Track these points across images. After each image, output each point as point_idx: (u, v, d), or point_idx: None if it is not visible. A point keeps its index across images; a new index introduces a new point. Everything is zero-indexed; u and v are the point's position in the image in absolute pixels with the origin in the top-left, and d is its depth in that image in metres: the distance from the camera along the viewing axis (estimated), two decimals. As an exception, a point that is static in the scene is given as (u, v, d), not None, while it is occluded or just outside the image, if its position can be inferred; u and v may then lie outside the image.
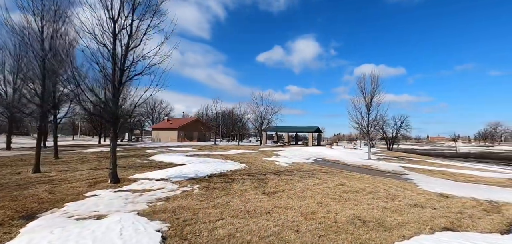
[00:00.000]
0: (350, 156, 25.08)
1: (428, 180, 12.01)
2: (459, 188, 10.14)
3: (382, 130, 62.50)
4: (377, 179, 11.35)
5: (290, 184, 8.91)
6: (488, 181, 13.02)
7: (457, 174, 15.36)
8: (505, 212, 6.60)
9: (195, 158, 15.91)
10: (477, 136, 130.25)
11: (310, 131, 45.48)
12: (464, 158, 60.74)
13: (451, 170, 18.02)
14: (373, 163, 19.60)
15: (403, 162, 22.41)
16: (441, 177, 13.77)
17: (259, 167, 13.24)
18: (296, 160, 18.34)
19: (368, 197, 7.48)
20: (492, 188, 10.87)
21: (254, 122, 54.34)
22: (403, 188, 9.30)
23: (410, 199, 7.46)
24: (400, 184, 10.27)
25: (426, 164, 22.21)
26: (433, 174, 15.07)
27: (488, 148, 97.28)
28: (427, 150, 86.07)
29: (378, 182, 10.41)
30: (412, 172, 15.33)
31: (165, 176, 9.15)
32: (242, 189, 7.72)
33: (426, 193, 8.66)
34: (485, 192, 9.53)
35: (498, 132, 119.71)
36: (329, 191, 8.07)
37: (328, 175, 11.54)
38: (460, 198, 8.04)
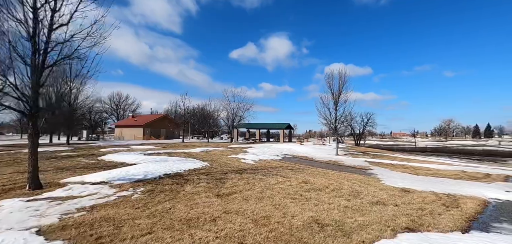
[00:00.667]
0: (318, 152, 25.20)
1: (390, 175, 12.06)
2: (419, 182, 10.19)
3: (350, 127, 64.88)
4: (342, 175, 11.09)
5: (250, 183, 8.16)
6: (445, 174, 13.52)
7: (416, 168, 15.87)
8: (463, 206, 6.49)
9: (154, 156, 14.53)
10: (433, 131, 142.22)
11: (281, 128, 45.49)
12: (422, 152, 65.48)
13: (411, 164, 18.72)
14: (340, 159, 19.73)
15: (368, 157, 22.98)
16: (403, 171, 14.04)
17: (222, 165, 12.34)
18: (264, 157, 17.74)
19: (330, 195, 6.98)
20: (448, 180, 11.16)
21: (226, 119, 53.14)
22: (366, 184, 9.04)
23: (373, 196, 7.11)
24: (364, 180, 10.06)
25: (389, 158, 23.01)
26: (395, 168, 15.40)
27: (442, 142, 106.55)
28: (390, 145, 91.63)
29: (343, 178, 10.11)
30: (376, 167, 15.52)
31: (106, 179, 7.86)
32: (193, 192, 6.78)
33: (388, 188, 8.45)
34: (443, 185, 9.64)
35: (451, 128, 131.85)
36: (291, 190, 7.45)
37: (293, 172, 11.02)
38: (420, 193, 7.92)
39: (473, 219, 5.48)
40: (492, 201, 7.43)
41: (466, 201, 7.01)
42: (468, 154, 63.46)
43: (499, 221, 5.43)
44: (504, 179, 12.54)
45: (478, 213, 5.96)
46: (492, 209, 6.49)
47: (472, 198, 7.46)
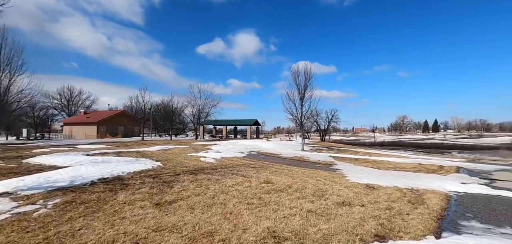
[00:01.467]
0: (284, 148, 24.83)
1: (355, 170, 11.83)
2: (382, 177, 9.99)
3: (316, 123, 66.81)
4: (307, 172, 10.49)
5: (203, 186, 7.01)
6: (404, 167, 13.80)
7: (378, 162, 16.13)
8: (428, 202, 6.14)
9: (97, 157, 12.53)
10: (390, 127, 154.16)
11: (248, 124, 44.69)
12: (380, 146, 70.11)
13: (373, 157, 19.15)
14: (306, 155, 19.45)
15: (332, 152, 23.18)
16: (366, 166, 14.04)
17: (177, 165, 10.96)
18: (228, 155, 16.63)
19: (293, 197, 6.17)
20: (409, 174, 11.21)
21: (192, 115, 50.74)
22: (331, 181, 8.48)
23: (338, 195, 6.47)
24: (329, 176, 9.55)
25: (352, 153, 23.48)
26: (358, 163, 15.42)
27: (398, 137, 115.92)
28: (352, 140, 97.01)
29: (307, 176, 9.48)
30: (341, 162, 15.39)
31: (12, 188, 6.08)
32: (126, 201, 5.43)
33: (353, 185, 7.96)
34: (404, 179, 9.52)
35: (405, 123, 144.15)
36: (249, 192, 6.49)
37: (255, 171, 10.11)
38: (385, 189, 7.54)
39: (441, 217, 5.06)
40: (452, 194, 7.31)
41: (430, 197, 6.73)
42: (420, 147, 69.53)
43: (466, 218, 5.07)
44: (456, 170, 13.14)
45: (443, 210, 5.61)
46: (454, 203, 6.25)
47: (434, 192, 7.26)
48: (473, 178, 10.35)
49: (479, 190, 7.87)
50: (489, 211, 5.60)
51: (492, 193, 7.44)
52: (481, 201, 6.47)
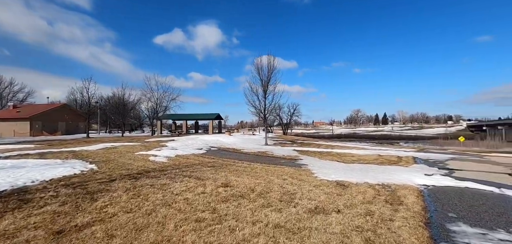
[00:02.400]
0: (247, 142, 23.74)
1: (321, 164, 11.17)
2: (350, 171, 9.43)
3: (279, 117, 67.39)
4: (272, 170, 9.44)
5: (141, 196, 5.40)
6: (367, 159, 13.70)
7: (341, 155, 15.96)
8: (406, 201, 5.49)
9: (10, 161, 9.79)
10: (346, 120, 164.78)
11: (210, 119, 42.62)
12: (338, 138, 74.07)
13: (336, 150, 19.12)
14: (270, 149, 18.59)
15: (296, 146, 22.80)
16: (331, 159, 13.61)
17: (116, 168, 8.97)
18: (184, 152, 14.84)
19: (256, 204, 4.96)
20: (373, 167, 10.92)
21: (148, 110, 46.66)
22: (299, 180, 7.51)
23: (309, 199, 5.46)
24: (296, 174, 8.61)
25: (315, 146, 23.42)
26: (323, 156, 15.01)
27: (353, 129, 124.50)
28: (313, 133, 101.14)
29: (272, 174, 8.40)
30: (305, 156, 14.80)
31: None
32: (8, 230, 3.62)
33: (323, 184, 7.09)
34: (372, 173, 9.06)
35: (359, 117, 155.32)
36: (201, 202, 5.10)
37: (213, 171, 8.71)
38: (357, 187, 6.81)
39: (427, 221, 4.33)
40: (423, 188, 6.88)
41: (405, 194, 6.13)
42: (372, 138, 75.15)
43: (452, 220, 4.43)
44: (413, 160, 13.45)
45: (424, 210, 4.95)
46: (430, 200, 5.71)
47: (406, 188, 6.74)
48: (433, 169, 10.44)
49: (445, 182, 7.65)
50: (468, 208, 5.11)
51: (459, 185, 7.23)
52: (454, 196, 6.06)
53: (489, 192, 6.48)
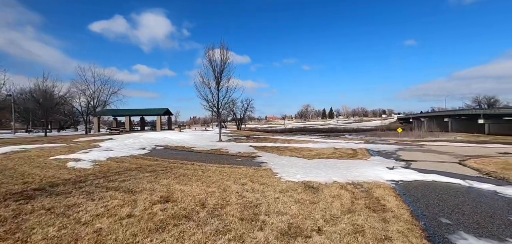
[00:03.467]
0: (199, 139, 21.73)
1: (281, 162, 10.14)
2: (314, 169, 8.56)
3: (232, 112, 65.99)
4: (228, 171, 7.96)
5: (18, 232, 3.36)
6: (325, 153, 13.30)
7: (299, 149, 15.37)
8: (388, 205, 4.65)
9: None
10: (297, 115, 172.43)
11: (158, 114, 38.75)
12: (291, 132, 76.41)
13: (292, 145, 18.61)
14: (224, 146, 17.04)
15: (252, 141, 21.72)
16: (290, 155, 12.78)
17: (4, 182, 6.33)
18: (121, 153, 12.26)
19: (206, 233, 3.45)
20: (334, 162, 10.37)
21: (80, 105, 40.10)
22: (261, 184, 6.22)
23: (278, 213, 4.19)
24: (256, 175, 7.31)
25: (271, 141, 22.70)
26: (281, 152, 14.14)
27: (303, 123, 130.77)
28: (267, 128, 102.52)
29: (229, 177, 6.94)
30: (263, 152, 13.71)
31: None
32: None
33: (290, 187, 5.93)
34: (337, 170, 8.34)
35: (309, 111, 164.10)
36: (122, 234, 3.35)
37: (152, 178, 6.82)
38: (328, 188, 5.84)
39: (426, 235, 3.45)
40: (394, 185, 6.30)
41: (382, 195, 5.36)
42: (322, 132, 79.55)
43: (449, 229, 3.66)
44: (368, 153, 13.56)
45: (411, 215, 4.15)
46: (410, 201, 5.02)
47: (379, 186, 6.04)
48: (391, 161, 10.37)
49: (411, 176, 7.29)
50: (455, 209, 4.50)
51: (426, 178, 6.89)
52: (430, 193, 5.53)
53: (458, 185, 6.21)
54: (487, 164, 8.65)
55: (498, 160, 9.19)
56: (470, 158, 10.26)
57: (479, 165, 8.49)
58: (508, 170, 7.54)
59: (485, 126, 47.52)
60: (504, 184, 6.12)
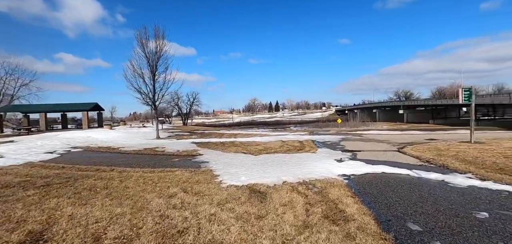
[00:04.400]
0: (133, 137, 18.84)
1: (225, 160, 8.87)
2: (261, 167, 7.55)
3: (177, 106, 61.76)
4: (155, 178, 6.29)
5: None
6: (273, 147, 12.58)
7: (246, 144, 14.36)
8: (348, 210, 3.85)
9: None
10: (244, 108, 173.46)
11: (84, 109, 32.94)
12: (239, 126, 75.85)
13: (239, 139, 17.54)
14: (162, 144, 14.87)
15: (196, 137, 19.86)
16: (236, 151, 11.61)
17: None
18: (12, 162, 9.23)
19: None
20: (282, 157, 9.62)
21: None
22: (195, 194, 4.84)
23: (211, 242, 2.92)
24: (192, 181, 5.88)
25: (217, 136, 21.22)
26: (226, 148, 12.87)
27: (251, 117, 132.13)
28: (214, 123, 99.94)
29: (153, 188, 5.34)
30: (206, 149, 12.21)
31: None
32: None
33: (232, 196, 4.71)
34: (286, 167, 7.50)
35: (256, 105, 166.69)
36: None
37: (35, 199, 4.74)
38: (278, 193, 4.84)
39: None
40: (347, 181, 5.70)
41: (338, 196, 4.59)
42: (269, 124, 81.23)
43: (423, 240, 2.96)
44: (314, 145, 13.39)
45: (376, 222, 3.40)
46: (368, 201, 4.37)
47: (333, 185, 5.33)
48: (337, 153, 10.16)
49: (361, 168, 6.90)
50: (416, 208, 3.96)
51: (375, 171, 6.54)
52: (385, 189, 5.04)
53: (407, 176, 5.96)
54: (422, 151, 9.05)
55: (429, 146, 9.81)
56: (406, 146, 10.80)
57: (417, 152, 8.79)
58: (442, 156, 7.87)
59: (404, 116, 55.13)
60: (446, 172, 6.14)
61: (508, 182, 4.89)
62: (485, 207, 3.84)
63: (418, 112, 55.18)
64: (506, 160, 6.54)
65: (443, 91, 76.81)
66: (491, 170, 5.85)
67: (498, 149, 7.85)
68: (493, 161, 6.57)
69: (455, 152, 8.07)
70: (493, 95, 39.17)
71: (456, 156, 7.69)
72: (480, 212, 3.64)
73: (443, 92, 74.52)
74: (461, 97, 9.93)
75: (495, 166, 6.11)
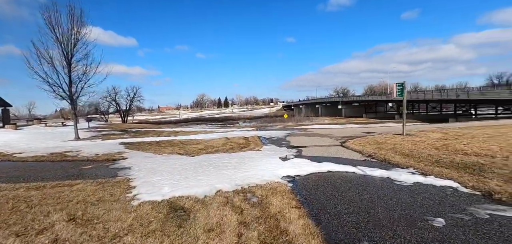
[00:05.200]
0: (42, 139, 15.22)
1: (152, 165, 7.29)
2: (195, 172, 6.30)
3: (115, 102, 54.91)
4: (36, 199, 4.44)
5: None
6: (215, 145, 11.37)
7: (185, 143, 12.79)
8: (287, 226, 2.97)
9: None
10: (192, 104, 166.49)
11: (-23, 105, 25.93)
12: (186, 123, 71.96)
13: (179, 137, 15.75)
14: (79, 146, 12.14)
15: (127, 137, 17.21)
16: (171, 152, 10.01)
17: None
18: None
19: None
20: (222, 157, 8.53)
21: None
22: (84, 224, 3.34)
23: None
24: (91, 199, 4.28)
25: (154, 134, 18.86)
26: (161, 148, 11.12)
27: (200, 113, 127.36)
28: (159, 119, 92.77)
29: (18, 219, 3.61)
30: (134, 151, 10.27)
31: None
32: None
33: (139, 221, 3.37)
34: (225, 171, 6.42)
35: (204, 101, 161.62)
36: None
37: None
38: (206, 209, 3.71)
39: None
40: (292, 186, 4.94)
41: (281, 208, 3.71)
42: (217, 121, 79.27)
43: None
44: (260, 141, 12.68)
45: None
46: (316, 211, 3.60)
47: (276, 192, 4.46)
48: (283, 149, 9.55)
49: (306, 167, 6.27)
50: (368, 217, 3.33)
51: (321, 170, 5.97)
52: (333, 192, 4.40)
53: (353, 174, 5.50)
54: (363, 145, 9.08)
55: (369, 140, 10.02)
56: (348, 140, 10.89)
57: (359, 147, 8.75)
58: (382, 150, 7.90)
59: (343, 110, 60.17)
60: (389, 167, 5.94)
61: (448, 176, 4.79)
62: (438, 210, 3.44)
63: (354, 107, 60.79)
64: (437, 152, 6.76)
65: (373, 89, 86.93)
66: (429, 163, 5.84)
67: (428, 141, 8.27)
68: (427, 153, 6.71)
69: (392, 145, 8.23)
70: (411, 93, 45.47)
71: (394, 149, 7.79)
72: (435, 218, 3.19)
73: (374, 90, 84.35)
74: (395, 91, 10.40)
75: (431, 159, 6.17)
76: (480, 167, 5.08)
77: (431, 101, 41.41)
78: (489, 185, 4.07)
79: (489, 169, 4.90)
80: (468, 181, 4.37)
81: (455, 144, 7.32)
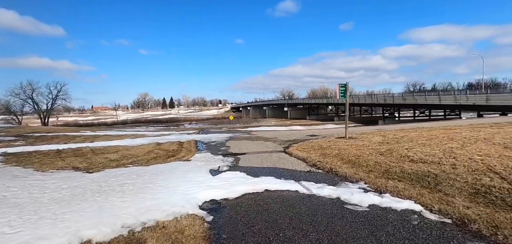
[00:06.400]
0: None
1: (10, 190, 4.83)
2: (73, 203, 4.21)
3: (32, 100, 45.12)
4: None
5: None
6: (136, 154, 9.11)
7: (98, 151, 10.06)
8: None
9: None
10: (133, 104, 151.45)
11: None
12: (123, 125, 64.20)
13: (96, 143, 12.67)
14: None
15: (21, 144, 13.18)
16: (65, 165, 7.37)
17: None
18: None
19: None
20: (131, 173, 6.51)
21: None
22: None
23: None
24: None
25: (64, 140, 15.05)
26: (55, 160, 8.28)
27: (141, 114, 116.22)
28: (91, 121, 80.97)
29: None
30: (4, 167, 7.31)
31: None
32: None
33: None
34: (118, 198, 4.48)
35: (147, 101, 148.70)
36: None
37: None
38: None
39: None
40: (210, 221, 3.41)
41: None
42: (160, 122, 73.18)
43: None
44: (196, 147, 10.87)
45: None
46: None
47: (181, 239, 2.86)
48: (218, 158, 7.97)
49: (238, 186, 4.80)
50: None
51: (256, 189, 4.58)
52: (268, 232, 2.99)
53: (296, 195, 4.25)
54: (307, 150, 8.19)
55: (313, 144, 9.24)
56: (291, 144, 9.95)
57: (303, 153, 7.78)
58: (327, 156, 7.06)
59: (288, 112, 62.05)
60: (337, 181, 4.92)
61: (406, 194, 3.91)
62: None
63: (298, 110, 63.30)
64: (384, 158, 6.15)
65: (315, 93, 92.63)
66: (379, 174, 5.05)
67: (371, 145, 7.81)
68: (374, 160, 6.03)
69: (337, 151, 7.49)
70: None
71: (339, 155, 7.02)
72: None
73: (316, 93, 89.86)
74: (338, 92, 9.91)
75: (379, 168, 5.43)
76: (434, 179, 4.41)
77: (364, 105, 45.71)
78: (457, 207, 3.26)
79: (445, 181, 4.24)
80: (430, 202, 3.53)
81: (398, 148, 6.90)
